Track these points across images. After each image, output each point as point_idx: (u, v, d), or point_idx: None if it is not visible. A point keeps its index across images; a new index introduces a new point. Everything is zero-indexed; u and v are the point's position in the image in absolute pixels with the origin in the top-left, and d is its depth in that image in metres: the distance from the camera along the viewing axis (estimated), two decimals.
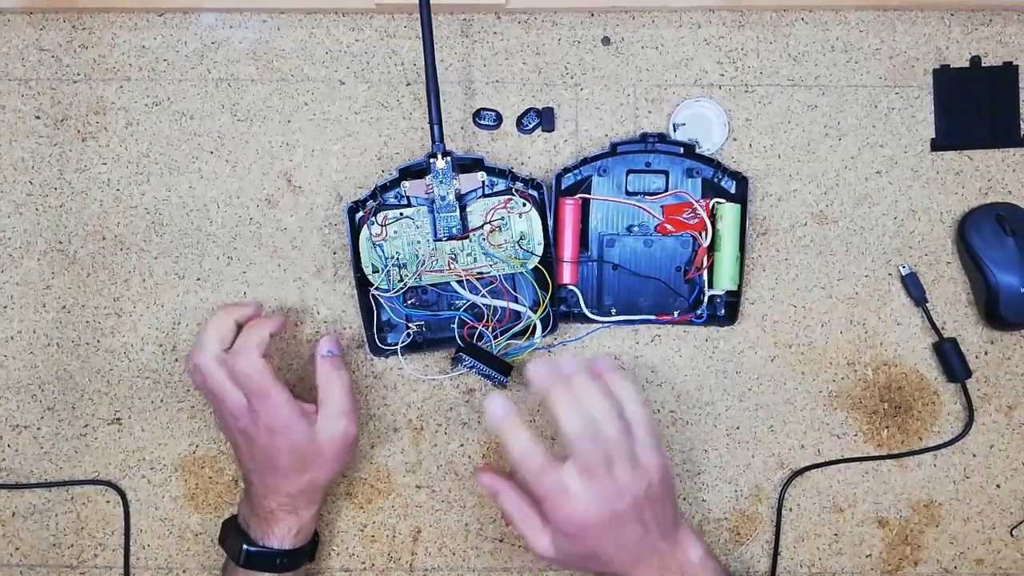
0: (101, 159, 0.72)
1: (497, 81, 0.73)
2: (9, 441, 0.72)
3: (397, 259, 0.68)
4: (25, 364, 0.72)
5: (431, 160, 0.66)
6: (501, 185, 0.69)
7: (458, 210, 0.68)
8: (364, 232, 0.68)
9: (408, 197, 0.68)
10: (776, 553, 0.72)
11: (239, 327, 0.64)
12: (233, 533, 0.66)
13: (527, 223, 0.68)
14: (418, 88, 0.72)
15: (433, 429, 0.73)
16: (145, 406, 0.72)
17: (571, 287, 0.70)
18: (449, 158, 0.66)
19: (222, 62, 0.73)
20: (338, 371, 0.65)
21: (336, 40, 0.72)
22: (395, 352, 0.69)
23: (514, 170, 0.69)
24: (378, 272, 0.68)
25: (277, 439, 0.63)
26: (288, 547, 0.65)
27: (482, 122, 0.72)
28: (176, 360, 0.72)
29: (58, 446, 0.72)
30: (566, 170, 0.70)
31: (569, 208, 0.69)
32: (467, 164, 0.68)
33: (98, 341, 0.72)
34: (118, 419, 0.72)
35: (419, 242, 0.68)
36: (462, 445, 0.73)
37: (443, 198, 0.67)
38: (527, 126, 0.72)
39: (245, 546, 0.64)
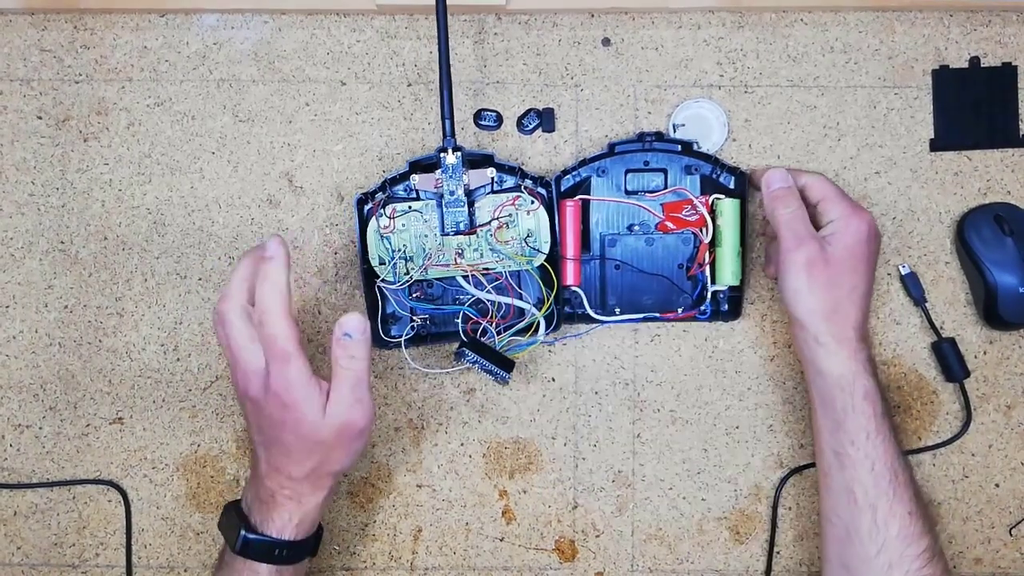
0: (103, 159, 0.73)
1: (497, 82, 0.73)
2: (11, 441, 0.73)
3: (404, 252, 0.68)
4: (27, 364, 0.73)
5: (441, 155, 0.66)
6: (510, 182, 0.69)
7: (466, 205, 0.68)
8: (372, 224, 0.68)
9: (417, 191, 0.68)
10: (772, 552, 0.72)
11: None
12: (233, 517, 0.62)
13: (535, 221, 0.69)
14: (419, 89, 0.73)
15: (434, 428, 0.73)
16: (147, 405, 0.73)
17: (574, 288, 0.70)
18: (459, 153, 0.66)
19: (224, 63, 0.73)
20: (351, 358, 0.59)
21: (337, 41, 0.73)
22: (399, 345, 0.69)
23: (523, 167, 0.69)
24: (384, 264, 0.68)
25: (286, 413, 0.59)
26: (288, 538, 0.61)
27: (483, 123, 0.73)
28: (178, 360, 0.73)
29: (60, 445, 0.73)
30: (565, 172, 0.70)
31: (570, 210, 0.69)
32: (477, 160, 0.68)
33: (100, 341, 0.72)
34: (120, 418, 0.73)
35: (426, 236, 0.68)
36: (463, 444, 0.73)
37: (452, 193, 0.67)
38: (527, 127, 0.72)
39: (243, 532, 0.60)
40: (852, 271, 0.64)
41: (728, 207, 0.69)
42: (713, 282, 0.70)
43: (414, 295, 0.70)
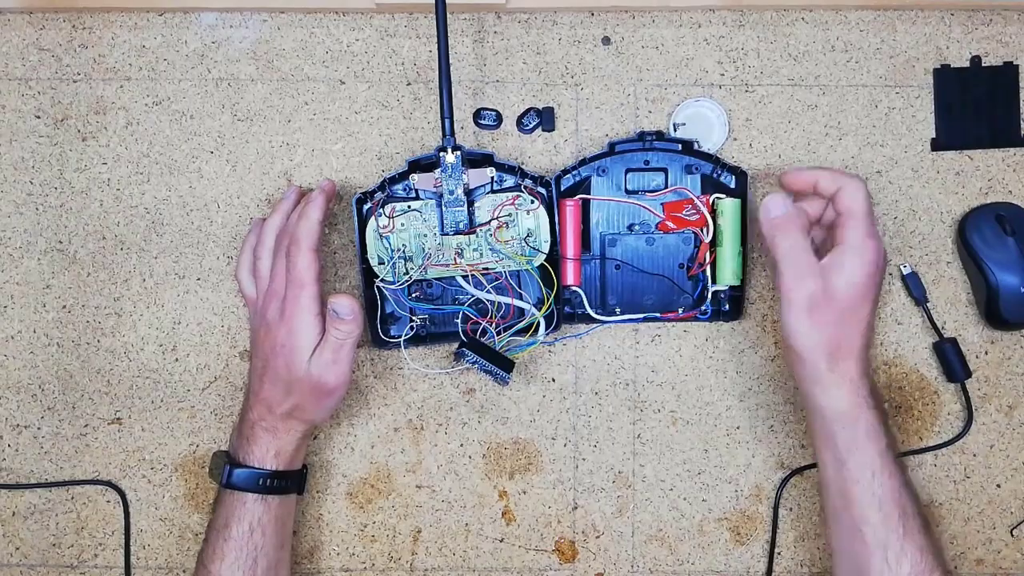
0: (101, 159, 0.73)
1: (497, 81, 0.73)
2: (9, 441, 0.72)
3: (403, 252, 0.68)
4: (25, 364, 0.72)
5: (441, 154, 0.66)
6: (510, 181, 0.68)
7: (466, 205, 0.67)
8: (371, 223, 0.68)
9: (416, 190, 0.68)
10: (773, 552, 0.72)
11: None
12: (220, 459, 0.66)
13: (535, 220, 0.68)
14: (418, 88, 0.72)
15: (433, 429, 0.73)
16: (145, 406, 0.72)
17: (575, 288, 0.70)
18: (459, 153, 0.66)
19: (222, 62, 0.73)
20: (337, 330, 0.63)
21: (336, 40, 0.73)
22: (398, 345, 0.69)
23: (523, 167, 0.69)
24: (384, 264, 0.68)
25: (289, 339, 0.63)
26: (269, 467, 0.65)
27: (482, 122, 0.72)
28: (176, 360, 0.72)
29: (58, 446, 0.72)
30: (565, 171, 0.70)
31: (570, 210, 0.69)
32: (476, 159, 0.68)
33: (98, 341, 0.72)
34: (118, 419, 0.72)
35: (426, 235, 0.68)
36: (462, 445, 0.73)
37: (451, 192, 0.67)
38: (527, 126, 0.72)
39: (228, 466, 0.65)
40: (856, 306, 0.61)
41: (729, 207, 0.68)
42: (714, 282, 0.70)
43: (413, 295, 0.70)
